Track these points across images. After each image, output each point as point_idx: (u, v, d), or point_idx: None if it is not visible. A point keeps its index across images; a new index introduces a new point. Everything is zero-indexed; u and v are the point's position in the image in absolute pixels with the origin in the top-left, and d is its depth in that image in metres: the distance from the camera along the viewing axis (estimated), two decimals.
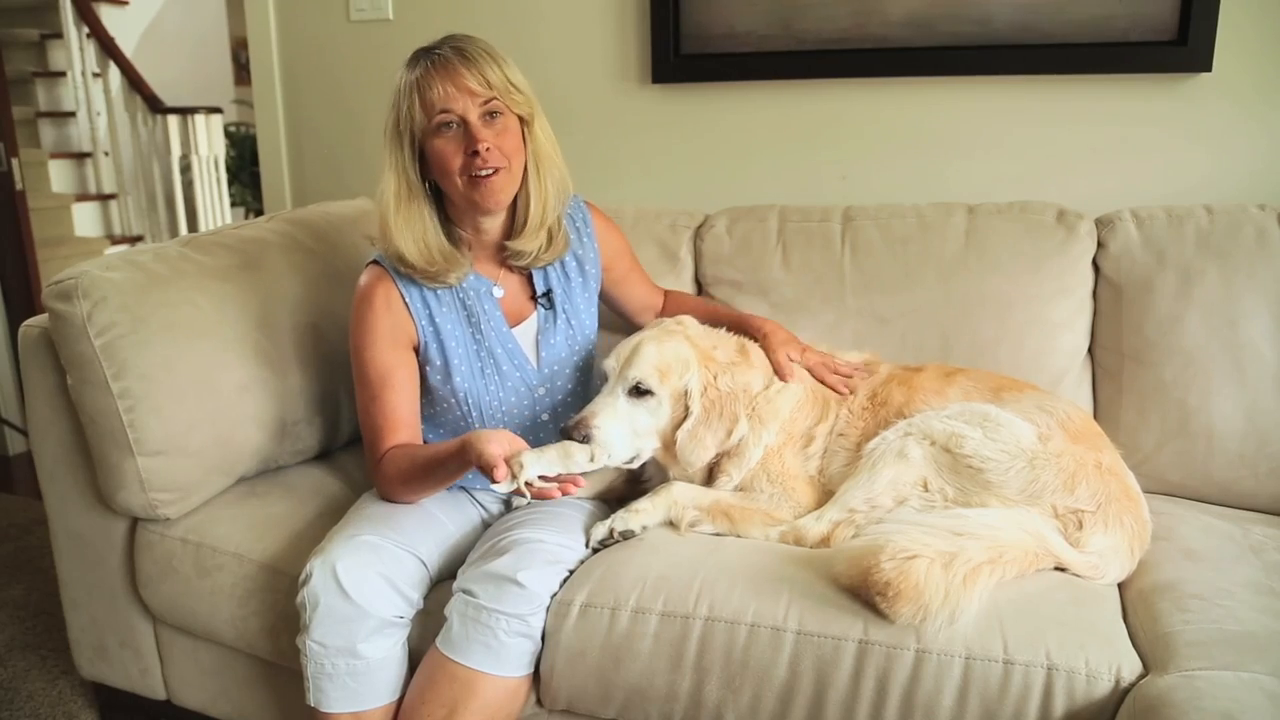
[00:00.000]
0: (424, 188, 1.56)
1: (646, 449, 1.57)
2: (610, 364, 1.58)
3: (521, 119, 1.57)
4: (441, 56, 1.50)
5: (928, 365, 1.71)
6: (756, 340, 1.70)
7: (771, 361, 1.67)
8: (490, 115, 1.51)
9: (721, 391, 1.55)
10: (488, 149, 1.49)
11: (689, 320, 1.68)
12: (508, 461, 1.34)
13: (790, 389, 1.63)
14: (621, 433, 1.52)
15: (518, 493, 1.35)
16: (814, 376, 1.68)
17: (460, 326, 1.62)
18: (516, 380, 1.64)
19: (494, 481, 1.34)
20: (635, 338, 1.59)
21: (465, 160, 1.50)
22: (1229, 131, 1.98)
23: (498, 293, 1.65)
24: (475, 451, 1.36)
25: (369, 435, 1.59)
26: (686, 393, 1.53)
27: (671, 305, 1.89)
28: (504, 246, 1.64)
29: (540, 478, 1.37)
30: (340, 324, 1.76)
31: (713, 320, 1.76)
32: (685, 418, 1.55)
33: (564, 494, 1.37)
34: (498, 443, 1.36)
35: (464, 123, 1.50)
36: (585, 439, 1.47)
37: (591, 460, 1.38)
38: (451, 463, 1.44)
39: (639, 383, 1.53)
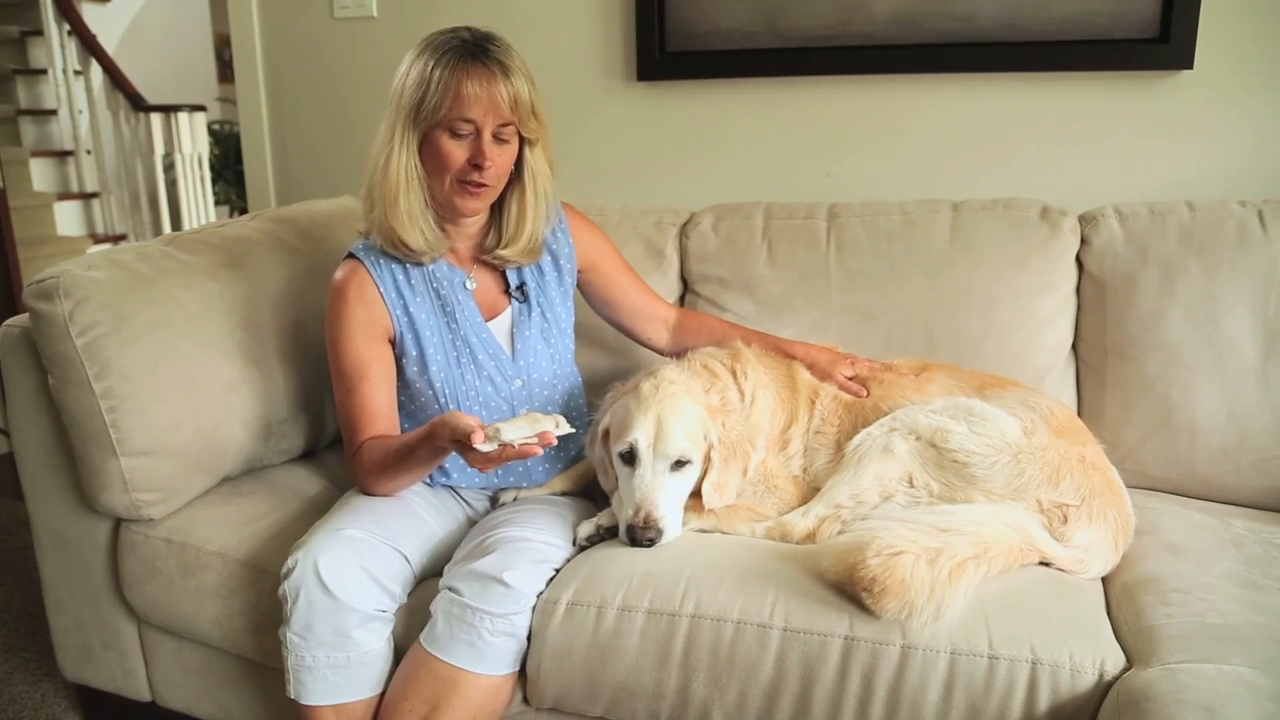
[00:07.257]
0: (421, 173, 1.55)
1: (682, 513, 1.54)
2: (638, 440, 1.47)
3: (524, 140, 1.57)
4: (485, 59, 1.48)
5: (900, 361, 1.73)
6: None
7: (839, 386, 1.68)
8: (502, 137, 1.52)
9: (733, 435, 1.54)
10: (489, 166, 1.50)
11: (667, 372, 1.58)
12: (483, 429, 1.32)
13: (762, 398, 1.63)
14: (679, 510, 1.51)
15: (498, 456, 1.32)
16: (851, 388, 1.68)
17: (435, 317, 1.62)
18: (493, 370, 1.64)
19: (473, 445, 1.30)
20: (649, 411, 1.49)
21: (464, 168, 1.50)
22: (1211, 128, 2.00)
23: (470, 285, 1.65)
24: (448, 427, 1.35)
25: (346, 429, 1.59)
26: (711, 448, 1.52)
27: (694, 326, 1.85)
28: (482, 246, 1.65)
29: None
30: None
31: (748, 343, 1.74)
32: (707, 470, 1.53)
33: (546, 444, 1.33)
34: (469, 415, 1.36)
35: (478, 133, 1.49)
36: (653, 540, 1.45)
37: (557, 427, 1.36)
38: (423, 448, 1.43)
39: (680, 458, 1.48)
